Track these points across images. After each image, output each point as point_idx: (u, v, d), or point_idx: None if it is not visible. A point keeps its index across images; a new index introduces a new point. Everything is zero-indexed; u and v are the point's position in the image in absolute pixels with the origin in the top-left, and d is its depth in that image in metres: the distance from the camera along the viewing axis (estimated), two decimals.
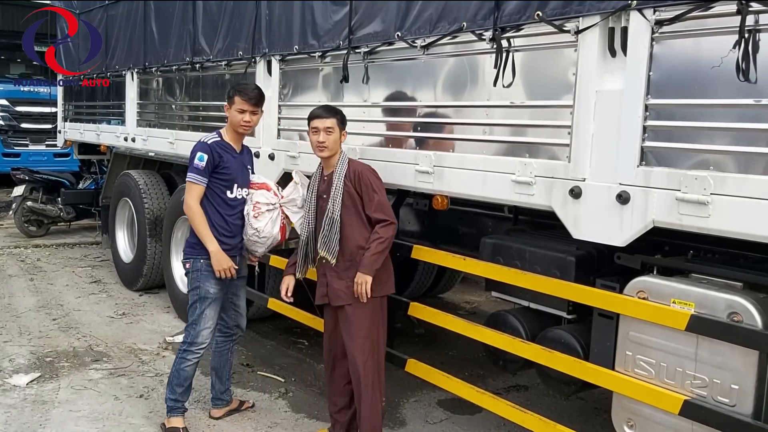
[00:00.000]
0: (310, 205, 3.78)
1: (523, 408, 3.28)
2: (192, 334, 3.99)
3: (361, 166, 3.70)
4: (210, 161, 3.87)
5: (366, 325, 3.64)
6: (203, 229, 3.89)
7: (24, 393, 4.56)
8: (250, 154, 4.26)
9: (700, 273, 2.79)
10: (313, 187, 3.80)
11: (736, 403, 2.49)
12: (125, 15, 7.08)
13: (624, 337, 2.83)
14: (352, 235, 3.62)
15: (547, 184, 3.05)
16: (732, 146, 2.46)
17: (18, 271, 7.92)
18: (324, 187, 3.73)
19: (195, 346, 3.99)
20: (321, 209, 3.71)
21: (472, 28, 3.36)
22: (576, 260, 3.17)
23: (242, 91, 3.98)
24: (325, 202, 3.67)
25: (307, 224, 3.79)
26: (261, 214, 3.99)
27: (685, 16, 2.55)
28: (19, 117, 14.00)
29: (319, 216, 3.71)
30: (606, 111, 2.83)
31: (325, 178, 3.73)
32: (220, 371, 4.30)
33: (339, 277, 3.66)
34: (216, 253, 3.88)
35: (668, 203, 2.61)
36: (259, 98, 4.01)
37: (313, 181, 3.82)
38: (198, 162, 3.87)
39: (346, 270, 3.64)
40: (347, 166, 3.66)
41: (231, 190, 3.97)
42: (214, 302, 4.00)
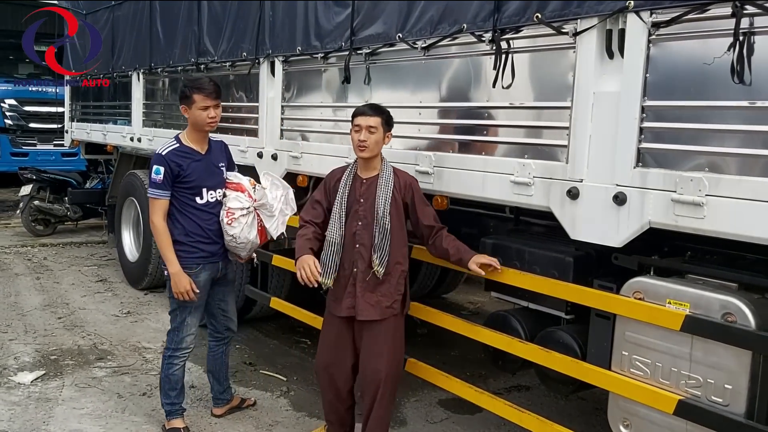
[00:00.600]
0: (341, 209, 3.50)
1: (520, 408, 3.30)
2: (175, 341, 3.98)
3: (409, 177, 3.55)
4: (168, 173, 3.74)
5: (392, 340, 3.54)
6: (165, 249, 3.79)
7: (28, 390, 4.61)
8: (222, 150, 4.09)
9: (696, 274, 2.80)
10: (342, 190, 3.52)
11: (730, 402, 2.51)
12: (131, 16, 7.14)
13: (620, 337, 2.85)
14: (395, 247, 3.45)
15: (545, 184, 3.07)
16: (727, 148, 2.47)
17: (24, 270, 7.98)
18: (362, 191, 3.49)
19: (179, 351, 3.99)
20: (355, 214, 3.49)
21: (472, 29, 3.38)
22: (574, 261, 3.19)
23: (201, 87, 3.82)
24: (362, 207, 3.47)
25: (338, 229, 3.50)
26: (235, 220, 3.85)
27: (681, 19, 2.57)
28: (27, 117, 14.09)
29: (352, 221, 3.49)
30: (603, 112, 2.85)
31: (364, 182, 3.50)
32: (216, 374, 4.31)
33: (370, 291, 3.47)
34: (174, 275, 3.79)
35: (664, 204, 2.62)
36: (219, 91, 3.89)
37: (342, 183, 3.53)
38: (155, 176, 3.75)
39: (380, 284, 3.45)
40: (394, 174, 3.48)
41: (200, 195, 3.85)
42: (195, 310, 3.97)
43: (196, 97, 3.79)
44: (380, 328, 3.49)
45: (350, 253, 3.48)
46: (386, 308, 3.47)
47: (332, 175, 3.66)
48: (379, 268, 3.41)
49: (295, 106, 4.84)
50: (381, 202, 3.41)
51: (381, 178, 3.45)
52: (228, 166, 4.08)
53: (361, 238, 3.46)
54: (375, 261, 3.40)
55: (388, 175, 3.47)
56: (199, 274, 3.90)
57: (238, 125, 5.42)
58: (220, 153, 4.05)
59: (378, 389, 3.50)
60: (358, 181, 3.52)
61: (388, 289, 3.47)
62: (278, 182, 4.02)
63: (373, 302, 3.46)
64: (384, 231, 3.39)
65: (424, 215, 3.50)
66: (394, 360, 3.55)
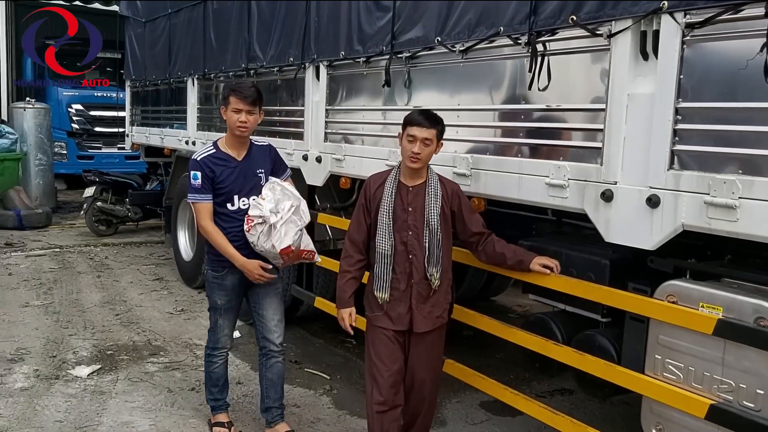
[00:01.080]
0: (388, 219, 3.36)
1: (555, 410, 3.30)
2: (212, 340, 4.08)
3: (454, 185, 3.46)
4: (205, 177, 3.74)
5: (441, 348, 3.56)
6: (223, 247, 3.76)
7: (84, 384, 4.83)
8: (266, 154, 3.95)
9: (732, 277, 2.75)
10: (388, 198, 3.37)
11: (762, 408, 2.47)
12: (186, 23, 7.37)
13: (654, 340, 2.83)
14: (445, 257, 3.39)
15: (579, 187, 3.07)
16: (760, 150, 2.43)
17: (87, 269, 8.32)
18: (409, 199, 3.37)
19: (216, 350, 4.07)
20: (404, 224, 3.37)
21: (509, 32, 3.40)
22: (610, 264, 3.18)
23: (237, 90, 3.78)
24: (411, 216, 3.36)
25: (387, 239, 3.35)
26: (252, 227, 3.73)
27: (715, 20, 2.54)
28: (93, 121, 14.68)
29: (401, 231, 3.37)
30: (637, 114, 2.83)
31: (410, 189, 3.37)
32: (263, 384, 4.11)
33: (422, 302, 3.38)
34: (242, 267, 3.78)
35: (697, 207, 2.59)
36: (256, 97, 3.78)
37: (386, 191, 3.39)
38: (194, 181, 3.74)
39: (433, 294, 3.38)
40: (440, 182, 3.40)
41: (231, 202, 3.78)
42: (225, 312, 3.99)
43: (232, 99, 3.76)
44: (429, 339, 3.45)
45: (402, 265, 3.37)
46: (437, 318, 3.44)
47: (372, 181, 3.52)
48: (436, 281, 3.34)
49: (338, 109, 4.93)
50: (431, 211, 3.32)
51: (428, 187, 3.36)
52: (273, 171, 3.96)
53: (413, 248, 3.35)
54: (432, 272, 3.32)
55: (435, 184, 3.37)
56: (226, 278, 3.90)
57: (285, 129, 5.55)
58: (262, 158, 3.93)
59: (425, 399, 3.53)
60: (404, 189, 3.39)
61: (438, 299, 3.42)
62: (289, 193, 3.81)
63: (426, 313, 3.40)
64: (437, 241, 3.31)
65: (472, 222, 3.43)
66: (439, 365, 3.59)
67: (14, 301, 6.78)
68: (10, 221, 10.53)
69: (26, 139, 11.85)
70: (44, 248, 9.34)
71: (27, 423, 4.18)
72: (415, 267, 3.35)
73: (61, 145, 14.28)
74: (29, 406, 4.42)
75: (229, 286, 3.93)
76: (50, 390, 4.68)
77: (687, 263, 2.90)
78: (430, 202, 3.32)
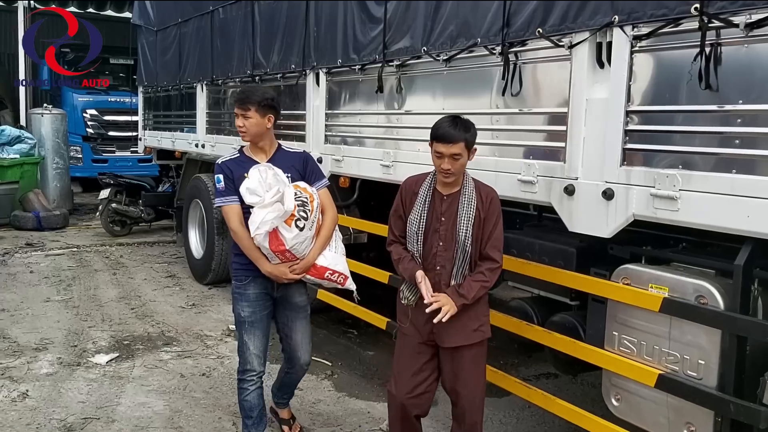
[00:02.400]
0: (419, 227, 3.24)
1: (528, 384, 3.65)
2: (240, 362, 3.86)
3: (491, 190, 3.28)
4: (227, 179, 3.66)
5: (484, 364, 3.39)
6: (250, 252, 3.64)
7: (104, 370, 5.21)
8: (295, 161, 3.79)
9: (680, 262, 3.08)
10: (421, 206, 3.25)
11: (703, 376, 2.79)
12: (195, 32, 7.76)
13: (612, 319, 3.16)
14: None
15: (546, 182, 3.41)
16: (697, 147, 2.76)
17: (103, 267, 8.72)
18: (443, 209, 3.22)
19: (246, 374, 3.83)
20: (435, 233, 3.23)
21: (485, 43, 3.74)
22: (576, 252, 3.51)
23: (237, 95, 3.77)
24: (443, 227, 3.22)
25: (417, 248, 3.25)
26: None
27: (658, 32, 2.87)
28: (107, 125, 15.10)
29: (432, 240, 3.24)
30: (594, 117, 3.17)
31: (445, 198, 3.23)
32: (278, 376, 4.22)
33: (455, 315, 3.15)
34: (269, 274, 3.65)
35: (645, 199, 2.93)
36: (246, 100, 3.66)
37: (420, 197, 3.27)
38: (218, 185, 3.68)
39: (464, 307, 3.17)
40: (476, 189, 3.23)
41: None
42: (251, 326, 3.78)
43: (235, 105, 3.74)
44: (470, 353, 3.28)
45: (431, 274, 3.23)
46: (473, 332, 3.26)
47: (408, 185, 3.39)
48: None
49: (337, 113, 5.28)
50: (463, 223, 3.16)
51: (463, 195, 3.20)
52: (305, 177, 3.76)
53: (442, 260, 3.22)
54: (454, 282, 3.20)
55: (470, 192, 3.21)
56: (248, 287, 3.75)
57: (288, 131, 5.90)
58: (289, 163, 3.75)
59: (474, 419, 3.35)
60: (438, 197, 3.25)
61: (474, 311, 3.24)
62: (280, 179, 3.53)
63: (459, 326, 3.21)
64: (465, 255, 3.17)
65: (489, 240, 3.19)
66: (483, 382, 3.39)
67: (36, 297, 7.18)
68: (30, 223, 10.96)
69: (44, 143, 12.28)
70: (62, 248, 9.76)
71: (53, 403, 4.57)
72: (443, 278, 3.22)
73: (77, 149, 14.70)
74: (54, 389, 4.80)
75: (252, 296, 3.76)
76: (72, 375, 5.07)
77: (642, 250, 3.22)
78: (463, 212, 3.18)
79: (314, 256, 3.68)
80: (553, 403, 3.49)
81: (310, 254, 3.65)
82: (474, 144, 3.19)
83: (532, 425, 4.48)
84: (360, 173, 5.05)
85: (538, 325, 3.73)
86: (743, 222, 2.58)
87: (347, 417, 4.54)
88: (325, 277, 3.74)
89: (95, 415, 4.44)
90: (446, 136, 3.10)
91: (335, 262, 3.76)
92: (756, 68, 2.58)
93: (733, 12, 2.60)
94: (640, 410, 3.05)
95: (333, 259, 3.76)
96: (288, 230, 3.48)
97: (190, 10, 7.81)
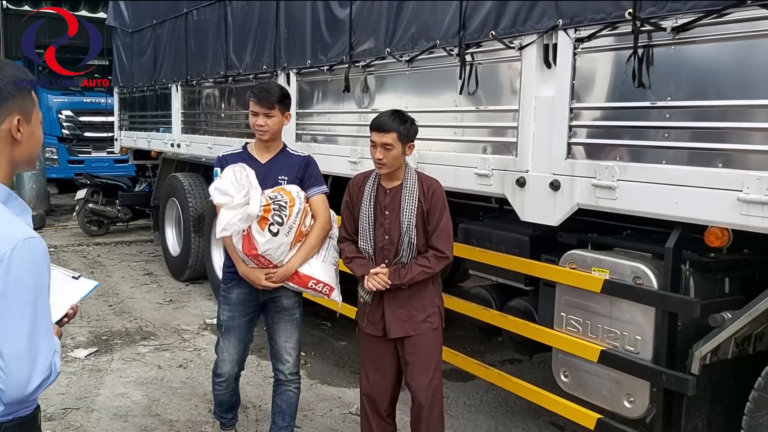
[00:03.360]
0: (368, 222, 3.34)
1: (485, 365, 3.89)
2: (215, 363, 3.84)
3: (434, 182, 3.35)
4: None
5: (438, 353, 3.41)
6: (231, 251, 3.60)
7: (83, 363, 5.37)
8: (296, 165, 3.67)
9: (621, 247, 3.33)
10: (367, 201, 3.35)
11: (640, 351, 3.04)
12: (170, 33, 7.91)
13: (560, 301, 3.40)
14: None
15: (500, 175, 3.64)
16: (632, 141, 3.01)
17: (80, 266, 8.83)
18: (386, 202, 3.32)
19: (218, 377, 3.81)
20: (380, 227, 3.32)
21: (444, 45, 3.96)
22: (530, 240, 3.75)
23: (254, 92, 3.62)
24: (387, 220, 3.30)
25: (368, 242, 3.34)
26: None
27: (597, 35, 3.12)
28: (82, 126, 15.11)
29: (378, 234, 3.33)
30: (543, 114, 3.41)
31: (388, 192, 3.33)
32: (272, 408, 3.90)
33: (400, 306, 3.30)
34: (244, 274, 3.57)
35: (587, 189, 3.17)
36: (274, 100, 3.56)
37: (366, 193, 3.37)
38: (215, 178, 3.53)
39: (410, 298, 3.30)
40: (418, 181, 3.32)
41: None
42: (227, 331, 3.73)
43: (251, 102, 3.59)
44: (420, 344, 3.32)
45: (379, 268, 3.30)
46: (421, 323, 3.31)
47: (355, 181, 3.49)
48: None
49: (307, 112, 5.48)
50: (405, 215, 3.25)
51: (405, 188, 3.29)
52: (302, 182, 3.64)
53: (388, 253, 3.31)
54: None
55: (412, 184, 3.29)
56: (231, 291, 3.70)
57: None
58: (289, 165, 3.66)
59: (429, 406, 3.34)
60: (382, 191, 3.35)
61: (421, 303, 3.31)
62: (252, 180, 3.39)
63: (405, 317, 3.30)
64: (410, 246, 3.25)
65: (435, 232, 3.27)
66: (438, 372, 3.40)
67: None
68: None
69: None
70: None
71: None
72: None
73: (52, 151, 14.70)
74: None
75: (233, 300, 3.70)
76: None
77: (588, 237, 3.47)
78: (405, 204, 3.26)
79: (295, 264, 3.50)
80: (507, 381, 3.74)
81: (291, 261, 3.48)
82: (411, 139, 3.28)
83: (494, 406, 4.72)
84: (331, 170, 5.23)
85: (497, 310, 3.97)
86: (672, 208, 2.83)
87: (319, 402, 4.76)
88: (309, 287, 3.58)
89: (75, 405, 4.62)
90: (379, 126, 3.23)
91: (321, 271, 3.58)
92: (682, 68, 2.83)
93: (661, 17, 2.84)
94: (585, 385, 3.30)
95: (319, 268, 3.58)
96: (261, 234, 3.38)
97: (165, 12, 7.96)
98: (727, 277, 3.10)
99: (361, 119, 4.81)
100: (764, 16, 2.54)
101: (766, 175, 2.52)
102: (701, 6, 2.70)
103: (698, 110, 2.77)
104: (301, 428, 4.28)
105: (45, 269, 1.74)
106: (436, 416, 3.37)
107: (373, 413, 3.49)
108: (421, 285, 3.30)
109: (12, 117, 1.79)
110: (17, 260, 1.67)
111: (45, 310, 1.75)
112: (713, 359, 2.86)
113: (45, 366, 1.71)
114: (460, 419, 4.50)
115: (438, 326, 3.38)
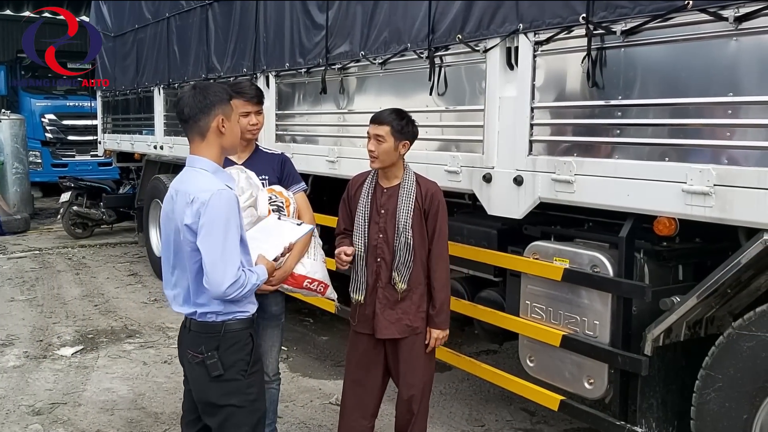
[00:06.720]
0: (363, 218, 3.36)
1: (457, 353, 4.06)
2: None
3: (433, 186, 3.38)
4: None
5: (421, 355, 3.39)
6: None
7: (69, 361, 5.50)
8: (273, 163, 3.64)
9: (582, 238, 3.52)
10: (364, 199, 3.37)
11: (599, 335, 3.23)
12: (152, 37, 8.04)
13: (525, 290, 3.59)
14: (418, 263, 3.30)
15: (469, 172, 3.83)
16: (587, 137, 3.21)
17: (66, 267, 8.94)
18: (383, 201, 3.34)
19: None
20: (376, 226, 3.34)
21: (414, 48, 4.15)
22: (498, 233, 3.93)
23: (240, 92, 3.39)
24: (383, 219, 3.32)
25: (362, 241, 3.35)
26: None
27: (555, 38, 3.31)
28: (66, 130, 15.17)
29: (372, 234, 3.35)
30: (506, 113, 3.60)
31: (385, 191, 3.35)
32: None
33: (390, 308, 3.31)
34: None
35: (548, 183, 3.36)
36: (261, 96, 3.56)
37: (363, 192, 3.40)
38: None
39: (401, 301, 3.30)
40: (416, 183, 3.35)
41: None
42: None
43: (237, 103, 3.15)
44: (408, 347, 3.35)
45: (371, 267, 3.34)
46: (406, 327, 3.32)
47: (353, 181, 3.52)
48: (401, 285, 3.26)
49: (286, 113, 5.65)
50: (402, 215, 3.26)
51: (402, 188, 3.31)
52: (281, 181, 3.61)
53: (382, 252, 3.31)
54: (396, 278, 3.27)
55: (410, 185, 3.31)
56: None
57: None
58: (267, 165, 3.60)
59: (418, 404, 3.38)
60: (380, 191, 3.37)
61: (409, 307, 3.32)
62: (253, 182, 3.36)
63: (394, 320, 3.31)
64: (406, 246, 3.25)
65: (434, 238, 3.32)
66: (428, 373, 3.44)
67: (0, 297, 7.41)
68: None
69: (3, 149, 12.35)
70: (24, 251, 9.93)
71: (21, 392, 4.86)
72: (383, 271, 3.32)
73: (36, 154, 14.75)
74: (22, 379, 5.09)
75: None
76: (39, 367, 5.35)
77: (550, 229, 3.66)
78: (402, 205, 3.27)
79: (291, 264, 3.36)
80: (478, 368, 3.93)
81: (287, 263, 3.33)
82: (406, 137, 3.29)
83: (469, 395, 4.91)
84: (309, 170, 5.40)
85: (468, 300, 4.15)
86: (624, 200, 3.03)
87: (299, 394, 4.92)
88: (304, 287, 3.48)
89: (62, 400, 4.75)
90: (375, 118, 3.31)
91: (314, 270, 3.50)
92: (631, 69, 3.03)
93: (612, 21, 3.04)
94: (549, 368, 3.49)
95: (312, 267, 3.49)
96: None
97: (147, 16, 8.09)
98: (680, 264, 3.30)
99: (339, 120, 4.99)
100: (705, 20, 2.74)
101: (708, 168, 2.72)
102: (647, 10, 2.90)
103: (646, 108, 2.97)
104: (281, 418, 4.43)
105: (234, 209, 2.62)
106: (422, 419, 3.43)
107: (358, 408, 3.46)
108: (414, 290, 3.31)
109: (218, 117, 2.70)
110: (215, 202, 2.57)
111: (234, 237, 2.60)
112: (666, 341, 3.06)
113: (232, 273, 2.55)
114: (435, 407, 4.67)
115: (422, 332, 3.37)
